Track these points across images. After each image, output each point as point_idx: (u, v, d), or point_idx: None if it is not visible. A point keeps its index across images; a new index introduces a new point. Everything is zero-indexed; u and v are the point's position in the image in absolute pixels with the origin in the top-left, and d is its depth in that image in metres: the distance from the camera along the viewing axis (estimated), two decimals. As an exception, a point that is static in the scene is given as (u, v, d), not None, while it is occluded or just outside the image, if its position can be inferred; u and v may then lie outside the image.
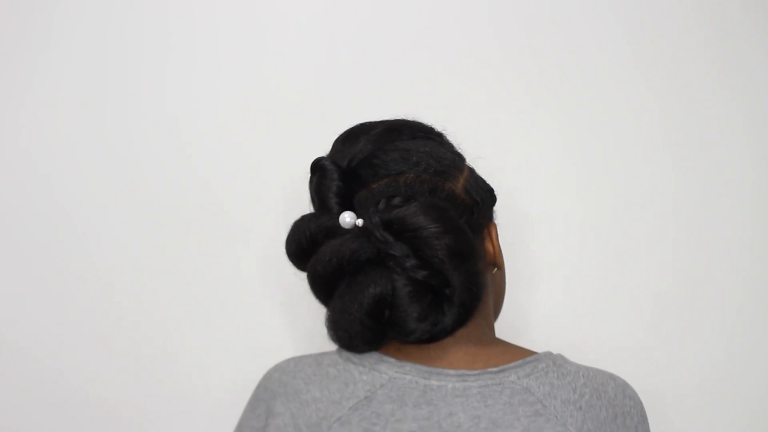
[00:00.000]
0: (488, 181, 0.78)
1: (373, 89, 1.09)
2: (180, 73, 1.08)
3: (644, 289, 1.10)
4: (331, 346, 0.73)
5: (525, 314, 1.09)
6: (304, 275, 0.74)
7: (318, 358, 0.72)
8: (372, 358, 0.70)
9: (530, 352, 0.72)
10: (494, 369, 0.68)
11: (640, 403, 0.73)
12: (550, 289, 1.10)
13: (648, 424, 0.73)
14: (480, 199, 0.74)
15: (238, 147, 1.08)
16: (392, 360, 0.69)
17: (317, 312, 0.80)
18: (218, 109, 1.08)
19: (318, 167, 0.73)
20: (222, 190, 1.07)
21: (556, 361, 0.70)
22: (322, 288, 0.70)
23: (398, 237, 0.67)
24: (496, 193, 0.79)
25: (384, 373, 0.68)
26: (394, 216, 0.67)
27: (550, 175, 1.11)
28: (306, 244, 0.71)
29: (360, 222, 0.68)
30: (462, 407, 0.66)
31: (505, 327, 1.05)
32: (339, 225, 0.69)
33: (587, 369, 0.71)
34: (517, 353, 0.71)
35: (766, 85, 1.13)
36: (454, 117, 1.09)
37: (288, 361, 0.74)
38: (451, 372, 0.68)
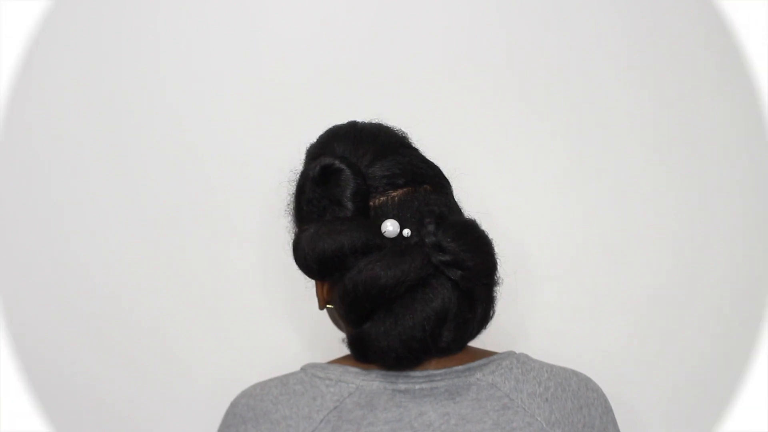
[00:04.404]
0: (488, 182, 0.79)
1: (373, 89, 1.09)
2: (180, 73, 1.08)
3: (644, 290, 1.11)
4: (333, 349, 0.73)
5: (523, 314, 1.09)
6: (300, 273, 0.72)
7: (283, 379, 0.72)
8: (337, 370, 0.70)
9: (492, 352, 0.74)
10: (459, 368, 0.70)
11: (604, 395, 0.75)
12: (548, 289, 1.10)
13: (613, 414, 0.75)
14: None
15: (238, 147, 1.08)
16: (357, 369, 0.70)
17: (316, 311, 0.80)
18: (218, 109, 1.08)
19: (333, 169, 0.70)
20: (222, 190, 1.08)
21: (519, 358, 0.73)
22: (374, 303, 0.67)
23: (444, 252, 0.67)
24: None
25: (350, 383, 0.69)
26: (441, 233, 0.67)
27: (550, 175, 1.11)
28: (348, 251, 0.67)
29: (407, 232, 0.68)
30: (431, 406, 0.68)
31: (504, 327, 1.05)
32: (376, 235, 0.67)
33: (550, 365, 0.74)
34: (480, 353, 0.73)
35: (766, 85, 1.12)
36: (454, 117, 1.10)
37: (254, 386, 0.73)
38: (418, 374, 0.69)
